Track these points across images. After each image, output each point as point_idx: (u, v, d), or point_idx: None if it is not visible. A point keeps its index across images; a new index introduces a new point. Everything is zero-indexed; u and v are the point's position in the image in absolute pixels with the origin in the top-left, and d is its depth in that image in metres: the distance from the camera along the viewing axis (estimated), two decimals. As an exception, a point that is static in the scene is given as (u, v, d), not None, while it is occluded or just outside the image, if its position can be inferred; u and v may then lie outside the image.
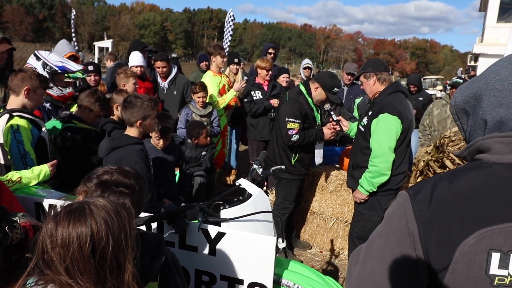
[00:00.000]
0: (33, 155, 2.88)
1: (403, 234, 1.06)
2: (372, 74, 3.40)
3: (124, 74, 4.45)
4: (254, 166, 2.77)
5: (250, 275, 1.97)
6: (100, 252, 1.11)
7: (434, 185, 1.07)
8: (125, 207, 1.27)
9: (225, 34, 10.46)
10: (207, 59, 7.52)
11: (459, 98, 1.17)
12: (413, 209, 1.05)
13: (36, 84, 2.94)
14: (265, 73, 5.44)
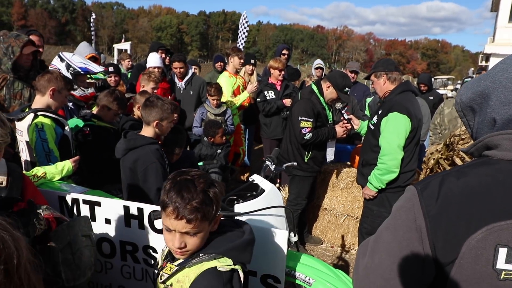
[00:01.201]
0: (56, 152, 2.92)
1: (411, 229, 1.06)
2: (382, 73, 3.38)
3: (147, 76, 4.50)
4: (267, 162, 2.78)
5: (263, 267, 1.98)
6: None
7: (441, 181, 1.06)
8: None
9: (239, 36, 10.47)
10: (222, 60, 7.58)
11: (465, 96, 1.16)
12: (421, 204, 1.04)
13: (61, 85, 2.98)
14: (278, 73, 5.45)
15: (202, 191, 1.40)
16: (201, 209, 1.37)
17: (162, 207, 1.42)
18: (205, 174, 1.50)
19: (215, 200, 1.43)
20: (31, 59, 3.64)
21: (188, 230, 1.38)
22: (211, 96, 5.09)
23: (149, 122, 2.86)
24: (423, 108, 3.42)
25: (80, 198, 2.30)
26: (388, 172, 3.22)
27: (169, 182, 1.44)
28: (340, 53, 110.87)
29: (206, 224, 1.43)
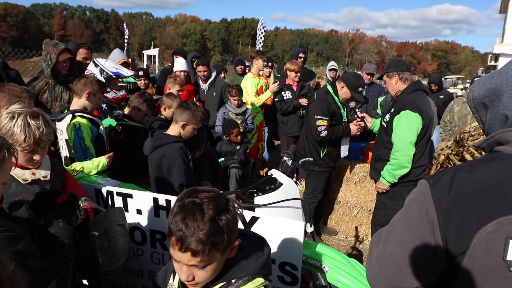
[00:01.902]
0: (92, 149, 2.95)
1: (423, 220, 1.04)
2: (394, 73, 3.33)
3: (173, 79, 4.55)
4: (284, 158, 2.78)
5: (281, 255, 1.97)
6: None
7: (453, 175, 1.04)
8: None
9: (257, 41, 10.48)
10: (242, 63, 7.60)
11: (477, 92, 1.12)
12: (433, 197, 1.02)
13: (96, 88, 3.03)
14: (294, 75, 5.43)
15: (210, 219, 1.13)
16: (209, 241, 1.12)
17: (167, 234, 1.19)
18: (218, 196, 1.22)
19: (226, 229, 1.16)
20: (68, 65, 3.72)
21: (195, 263, 1.15)
22: (233, 96, 5.14)
23: (177, 121, 2.90)
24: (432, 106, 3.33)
25: (114, 190, 2.33)
26: (401, 167, 3.16)
27: (177, 205, 1.20)
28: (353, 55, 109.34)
29: (218, 255, 1.18)
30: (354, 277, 2.05)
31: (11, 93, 2.58)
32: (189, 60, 5.96)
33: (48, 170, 1.96)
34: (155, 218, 2.23)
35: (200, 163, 3.59)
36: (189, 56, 6.52)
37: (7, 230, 1.30)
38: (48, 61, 3.59)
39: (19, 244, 1.29)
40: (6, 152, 1.34)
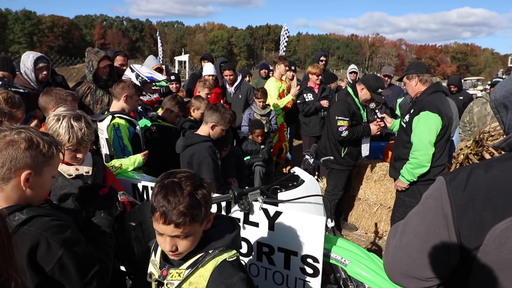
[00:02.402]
0: (129, 147, 3.01)
1: (438, 215, 1.03)
2: (414, 75, 3.24)
3: (203, 83, 4.60)
4: (306, 156, 2.76)
5: (303, 249, 1.97)
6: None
7: (469, 173, 1.02)
8: None
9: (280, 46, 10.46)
10: (266, 67, 7.60)
11: (499, 93, 1.10)
12: (448, 193, 1.01)
13: (132, 91, 3.10)
14: (316, 78, 5.38)
15: (189, 194, 1.21)
16: (189, 213, 1.19)
17: (151, 211, 1.25)
18: (194, 175, 1.29)
19: (203, 202, 1.24)
20: (107, 71, 3.83)
21: (178, 234, 1.21)
22: (258, 98, 5.15)
23: (207, 122, 2.93)
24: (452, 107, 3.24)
25: (149, 185, 2.37)
26: (420, 166, 3.08)
27: (157, 186, 1.26)
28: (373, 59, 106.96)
29: (197, 226, 1.26)
30: (373, 271, 2.02)
31: (58, 96, 2.70)
32: (217, 65, 6.02)
33: (90, 166, 2.02)
34: None
35: (227, 161, 3.62)
36: (217, 61, 6.58)
37: (57, 219, 1.36)
38: (90, 67, 3.72)
39: (66, 232, 1.34)
40: (54, 149, 1.40)
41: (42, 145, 1.34)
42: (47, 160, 1.37)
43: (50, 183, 1.46)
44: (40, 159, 1.34)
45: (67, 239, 1.33)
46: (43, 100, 2.72)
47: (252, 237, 2.10)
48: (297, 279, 2.02)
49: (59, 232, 1.31)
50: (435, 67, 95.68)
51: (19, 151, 1.29)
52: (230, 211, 2.10)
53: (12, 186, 1.30)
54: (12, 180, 1.29)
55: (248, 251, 2.14)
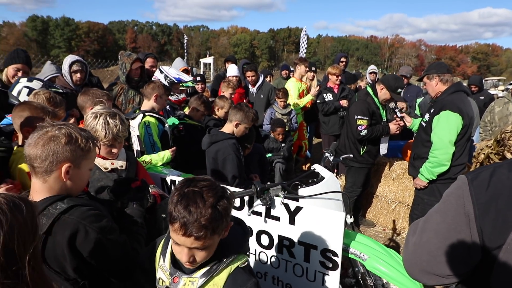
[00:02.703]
0: (159, 144, 3.07)
1: (459, 213, 0.99)
2: (435, 75, 3.14)
3: (227, 84, 4.63)
4: (326, 154, 2.73)
5: (322, 243, 1.95)
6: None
7: (493, 172, 0.98)
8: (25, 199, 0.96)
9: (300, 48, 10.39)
10: (287, 68, 7.56)
11: None
12: (471, 192, 0.97)
13: (162, 92, 3.15)
14: (335, 78, 5.31)
15: (211, 206, 1.12)
16: (210, 226, 1.11)
17: (169, 220, 1.15)
18: (215, 185, 1.19)
19: (224, 213, 1.16)
20: (139, 73, 3.92)
21: (197, 246, 1.14)
22: (279, 98, 5.13)
23: (231, 121, 2.95)
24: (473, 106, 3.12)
25: (176, 179, 2.41)
26: (439, 165, 2.99)
27: (176, 194, 1.15)
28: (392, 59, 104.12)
29: (216, 237, 1.18)
30: (392, 266, 1.98)
31: (95, 96, 2.78)
32: (240, 67, 6.04)
33: (124, 161, 2.08)
34: None
35: (250, 158, 3.63)
36: (240, 63, 6.60)
37: (94, 209, 1.40)
38: (123, 69, 3.81)
39: (102, 221, 1.38)
40: (91, 143, 1.44)
41: (80, 140, 1.39)
42: (85, 154, 1.42)
43: (88, 175, 1.51)
44: (79, 153, 1.39)
45: (103, 227, 1.37)
46: (81, 100, 2.81)
47: (273, 231, 2.10)
48: (317, 272, 2.00)
49: (96, 221, 1.36)
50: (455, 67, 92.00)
51: (60, 145, 1.34)
52: (252, 205, 2.10)
53: (54, 177, 1.35)
54: (54, 172, 1.35)
55: (269, 243, 2.14)
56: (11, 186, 1.76)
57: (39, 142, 1.33)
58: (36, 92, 2.59)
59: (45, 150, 1.32)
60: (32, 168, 1.35)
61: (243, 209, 2.14)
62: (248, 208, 2.10)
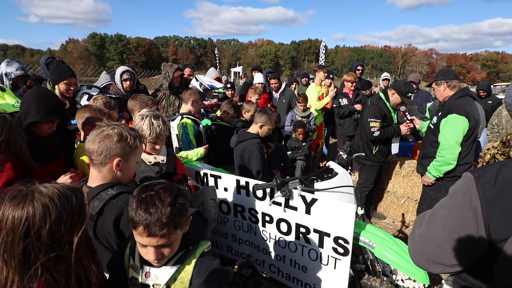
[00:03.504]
0: (194, 142, 3.13)
1: (466, 208, 0.95)
2: (443, 81, 3.01)
3: (254, 90, 4.66)
4: (340, 152, 2.69)
5: (335, 231, 1.92)
6: (34, 235, 0.85)
7: (499, 170, 0.94)
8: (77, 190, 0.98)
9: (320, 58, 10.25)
10: (307, 76, 7.50)
11: None
12: (477, 188, 0.94)
13: (198, 97, 3.23)
14: (350, 85, 5.20)
15: (170, 204, 1.08)
16: (171, 222, 1.07)
17: (132, 225, 1.09)
18: (169, 185, 1.15)
19: (183, 210, 1.12)
20: (179, 80, 4.04)
21: (163, 243, 1.09)
22: (300, 103, 5.12)
23: (257, 122, 2.97)
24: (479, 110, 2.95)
25: (208, 173, 2.43)
26: (446, 164, 2.87)
27: (135, 200, 1.10)
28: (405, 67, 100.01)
29: (179, 232, 1.14)
30: (399, 254, 1.93)
31: (142, 101, 2.89)
32: (265, 75, 6.05)
33: (165, 156, 2.14)
34: (237, 194, 2.28)
35: (272, 156, 3.65)
36: (265, 71, 6.61)
37: None
38: (167, 77, 3.93)
39: None
40: (138, 141, 1.51)
41: (129, 139, 1.45)
42: (133, 150, 1.48)
43: (135, 167, 1.58)
44: (127, 149, 1.45)
45: None
46: (130, 104, 2.93)
47: (291, 219, 2.10)
48: (329, 256, 1.98)
49: None
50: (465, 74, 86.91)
51: (112, 143, 1.40)
52: (273, 196, 2.12)
53: (107, 169, 1.43)
54: (107, 164, 1.42)
55: (287, 230, 2.15)
56: (74, 174, 1.87)
57: (96, 139, 1.40)
58: (95, 98, 2.73)
59: (100, 146, 1.40)
60: (91, 160, 1.43)
61: (265, 200, 2.15)
62: (270, 199, 2.11)
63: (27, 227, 0.83)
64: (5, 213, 0.84)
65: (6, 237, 0.83)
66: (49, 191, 0.89)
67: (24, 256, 0.83)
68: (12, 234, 0.83)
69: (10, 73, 3.44)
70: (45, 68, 4.27)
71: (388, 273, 2.55)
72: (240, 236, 2.41)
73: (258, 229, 2.26)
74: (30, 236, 0.83)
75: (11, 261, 0.83)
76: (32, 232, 0.83)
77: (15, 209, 0.84)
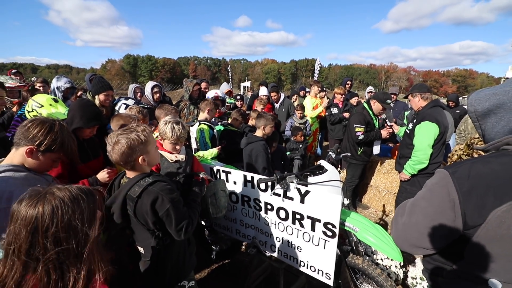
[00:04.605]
0: (209, 144, 3.17)
1: (444, 200, 0.95)
2: (417, 94, 3.00)
3: (259, 101, 4.69)
4: (330, 153, 2.70)
5: (325, 217, 1.93)
6: (42, 233, 0.79)
7: (471, 166, 0.94)
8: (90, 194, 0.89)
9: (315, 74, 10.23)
10: (304, 89, 7.49)
11: (480, 106, 0.99)
12: (454, 182, 0.93)
13: (212, 107, 3.27)
14: (340, 96, 5.21)
15: None
16: None
17: None
18: None
19: None
20: (198, 93, 4.09)
21: None
22: (298, 111, 5.12)
23: (259, 127, 2.99)
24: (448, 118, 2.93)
25: (221, 169, 2.44)
26: (419, 163, 2.85)
27: None
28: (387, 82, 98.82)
29: None
30: (378, 238, 1.93)
31: (166, 109, 2.95)
32: (269, 89, 6.07)
33: (184, 155, 2.16)
34: (244, 187, 2.29)
35: (274, 155, 3.67)
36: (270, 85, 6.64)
37: (169, 184, 1.49)
38: (187, 90, 3.99)
39: (173, 194, 1.46)
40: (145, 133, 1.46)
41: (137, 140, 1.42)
42: (146, 143, 1.45)
43: (157, 152, 1.57)
44: (141, 146, 1.44)
45: (173, 198, 1.45)
46: (157, 112, 2.98)
47: (288, 207, 2.10)
48: (320, 239, 1.99)
49: (169, 193, 1.44)
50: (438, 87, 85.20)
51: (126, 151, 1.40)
52: (273, 188, 2.13)
53: (137, 167, 1.47)
54: (135, 165, 1.46)
55: (285, 216, 2.16)
56: (110, 170, 1.92)
57: (112, 153, 1.40)
58: (130, 107, 2.80)
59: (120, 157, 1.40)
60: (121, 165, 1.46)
61: (267, 191, 2.16)
62: (271, 190, 2.13)
63: (35, 226, 0.78)
64: (21, 210, 0.80)
65: (18, 232, 0.79)
66: (61, 194, 0.82)
67: (29, 250, 0.78)
68: (24, 230, 0.78)
69: (60, 86, 3.54)
70: (89, 83, 4.38)
71: (370, 253, 2.55)
72: (247, 221, 2.42)
73: (261, 215, 2.28)
74: (38, 234, 0.78)
75: (18, 252, 0.78)
76: (39, 231, 0.78)
77: (28, 208, 0.80)
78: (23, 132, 1.42)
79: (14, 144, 1.45)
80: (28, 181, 1.35)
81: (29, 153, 1.43)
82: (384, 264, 2.48)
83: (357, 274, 2.09)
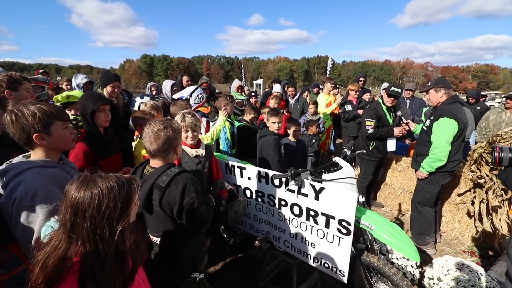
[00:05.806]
0: (230, 140, 3.22)
1: None
2: (442, 88, 2.88)
3: (274, 98, 4.68)
4: (345, 150, 2.65)
5: (340, 214, 1.90)
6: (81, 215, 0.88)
7: None
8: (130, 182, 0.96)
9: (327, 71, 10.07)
10: (317, 86, 7.38)
11: None
12: None
13: (227, 101, 3.28)
14: (354, 93, 5.09)
15: None
16: None
17: None
18: None
19: None
20: (209, 92, 4.13)
21: None
22: (311, 108, 5.08)
23: (269, 122, 2.99)
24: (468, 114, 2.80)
25: (236, 165, 2.45)
26: (438, 161, 2.75)
27: None
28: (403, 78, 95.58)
29: None
30: (394, 236, 1.88)
31: (181, 106, 2.99)
32: (282, 86, 6.03)
33: (203, 150, 2.21)
34: (258, 183, 2.30)
35: (296, 150, 3.66)
36: (282, 83, 6.59)
37: (193, 176, 1.57)
38: (200, 87, 4.04)
39: (197, 185, 1.54)
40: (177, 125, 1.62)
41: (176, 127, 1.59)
42: (180, 133, 1.62)
43: (181, 146, 1.70)
44: (178, 136, 1.59)
45: (197, 189, 1.53)
46: (173, 109, 3.02)
47: (303, 204, 2.09)
48: (334, 236, 1.96)
49: (194, 184, 1.52)
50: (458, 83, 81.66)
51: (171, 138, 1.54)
52: (288, 184, 2.12)
53: (170, 156, 1.58)
54: (170, 153, 1.57)
55: (299, 213, 2.15)
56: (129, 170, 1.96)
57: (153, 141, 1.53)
58: (145, 103, 2.87)
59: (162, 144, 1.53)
60: (153, 155, 1.55)
61: (281, 187, 2.15)
62: (285, 187, 2.12)
63: (77, 208, 0.88)
64: (70, 191, 0.90)
65: (65, 210, 0.89)
66: (101, 183, 0.90)
67: (72, 228, 0.89)
68: (69, 209, 0.88)
69: (80, 83, 3.66)
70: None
71: (385, 252, 2.49)
72: (260, 216, 2.42)
73: (275, 211, 2.27)
74: (78, 215, 0.88)
75: (64, 227, 0.89)
76: (79, 213, 0.88)
77: (74, 191, 0.89)
78: (16, 132, 1.35)
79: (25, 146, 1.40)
80: (55, 179, 1.36)
81: (40, 139, 1.38)
82: (400, 264, 2.42)
83: (372, 272, 2.05)
